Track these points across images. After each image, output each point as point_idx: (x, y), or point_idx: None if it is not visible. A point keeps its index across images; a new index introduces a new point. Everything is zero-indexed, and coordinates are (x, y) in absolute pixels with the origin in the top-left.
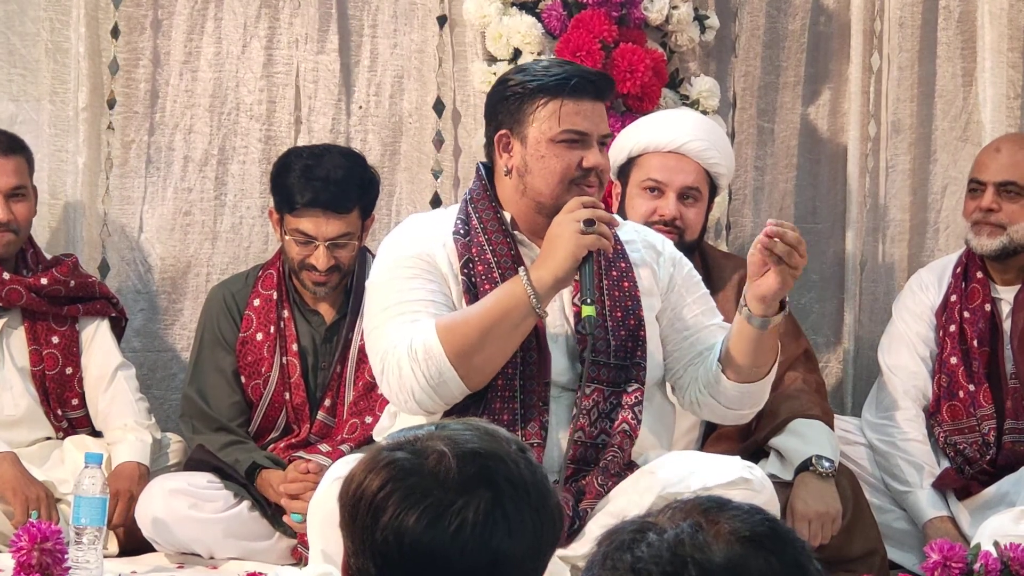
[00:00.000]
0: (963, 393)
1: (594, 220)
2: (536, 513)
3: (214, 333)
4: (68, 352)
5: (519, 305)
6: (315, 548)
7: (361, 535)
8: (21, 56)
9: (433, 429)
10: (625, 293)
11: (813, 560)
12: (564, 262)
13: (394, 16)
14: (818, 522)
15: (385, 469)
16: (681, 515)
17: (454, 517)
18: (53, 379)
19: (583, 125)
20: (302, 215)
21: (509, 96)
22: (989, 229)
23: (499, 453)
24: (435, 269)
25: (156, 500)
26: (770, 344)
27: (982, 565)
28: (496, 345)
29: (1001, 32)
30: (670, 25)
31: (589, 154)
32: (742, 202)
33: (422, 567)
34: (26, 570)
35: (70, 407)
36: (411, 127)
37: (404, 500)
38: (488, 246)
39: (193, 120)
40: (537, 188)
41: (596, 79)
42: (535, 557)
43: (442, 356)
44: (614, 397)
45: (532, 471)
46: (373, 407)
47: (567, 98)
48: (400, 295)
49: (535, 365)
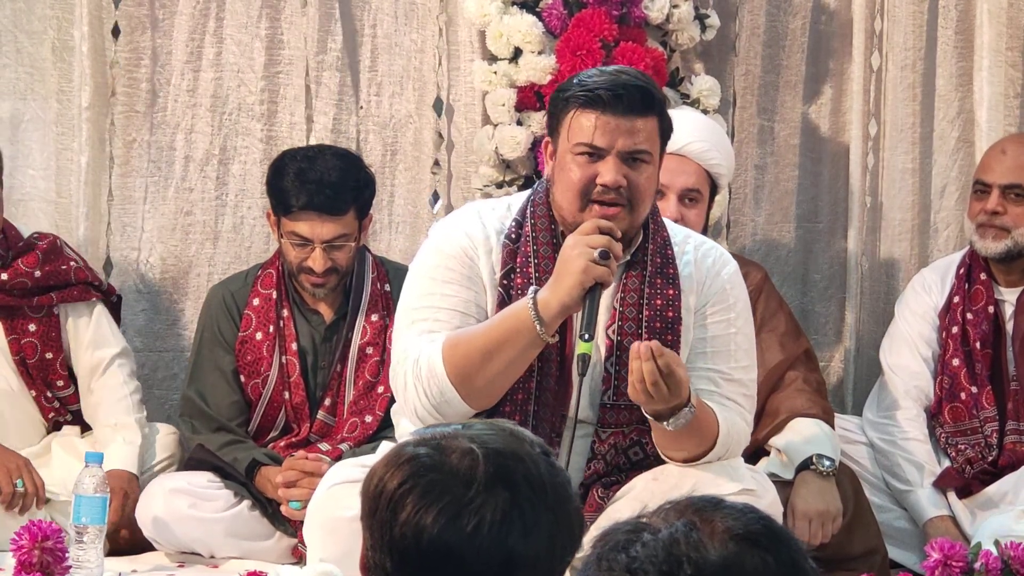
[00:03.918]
0: (965, 395)
1: (609, 253)
2: (553, 515)
3: (213, 332)
4: (47, 338)
5: (524, 329)
6: (313, 554)
7: (380, 530)
8: (28, 55)
9: (459, 428)
10: (667, 324)
11: (808, 558)
12: (572, 289)
13: (395, 16)
14: (819, 521)
15: (406, 465)
16: (675, 514)
17: (472, 516)
18: (35, 365)
19: (599, 139)
20: (297, 218)
21: (554, 102)
22: (994, 232)
23: (520, 453)
24: (475, 276)
25: (156, 499)
26: (696, 431)
27: (983, 564)
28: (499, 368)
29: (1000, 31)
30: (671, 24)
31: (604, 169)
32: (743, 201)
33: (437, 565)
34: (27, 569)
35: (56, 388)
36: (411, 127)
37: (423, 497)
38: (534, 258)
39: (194, 120)
40: (558, 201)
41: (626, 93)
42: (550, 559)
43: (444, 376)
44: (635, 434)
45: (553, 473)
46: (373, 406)
47: (589, 110)
48: (431, 299)
49: (551, 393)
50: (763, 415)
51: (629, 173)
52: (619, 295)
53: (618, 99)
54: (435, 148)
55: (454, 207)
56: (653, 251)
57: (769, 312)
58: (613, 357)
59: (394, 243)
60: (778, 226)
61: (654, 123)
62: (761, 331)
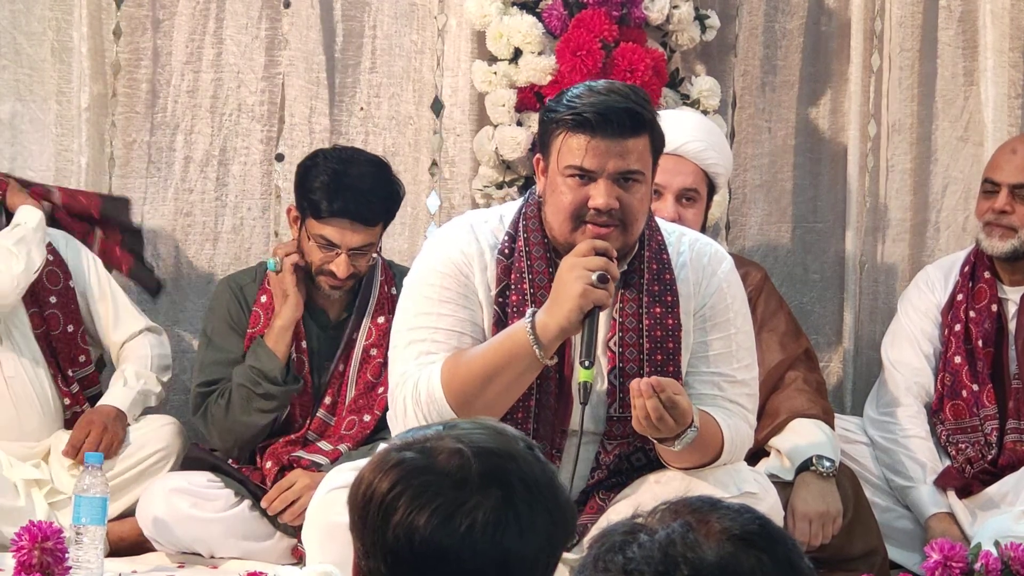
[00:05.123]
0: (966, 393)
1: (607, 276)
2: (548, 512)
3: (226, 320)
4: (67, 310)
5: (522, 353)
6: (312, 558)
7: (372, 536)
8: (28, 56)
9: (441, 429)
10: (668, 332)
11: (804, 558)
12: (571, 314)
13: (394, 17)
14: (819, 522)
15: (394, 469)
16: (671, 515)
17: (465, 517)
18: (58, 338)
19: (589, 163)
20: (328, 223)
21: (544, 121)
22: (1001, 231)
23: (510, 451)
24: (471, 294)
25: (157, 499)
26: (700, 447)
27: (983, 565)
28: (498, 391)
29: (1003, 32)
30: (671, 25)
31: (596, 193)
32: (742, 201)
33: (432, 566)
34: (27, 569)
35: (78, 364)
36: (410, 128)
37: (415, 500)
38: (528, 274)
39: (194, 121)
40: (550, 222)
41: (616, 116)
42: (546, 555)
43: (443, 401)
44: (639, 441)
45: (542, 468)
46: (372, 406)
47: (578, 132)
48: (428, 319)
49: (551, 411)
50: (763, 415)
51: (621, 195)
52: (618, 305)
53: (608, 122)
54: (434, 149)
55: (453, 208)
56: (649, 258)
57: (769, 312)
58: (616, 369)
59: (393, 244)
60: (777, 226)
61: (645, 142)
62: (761, 331)
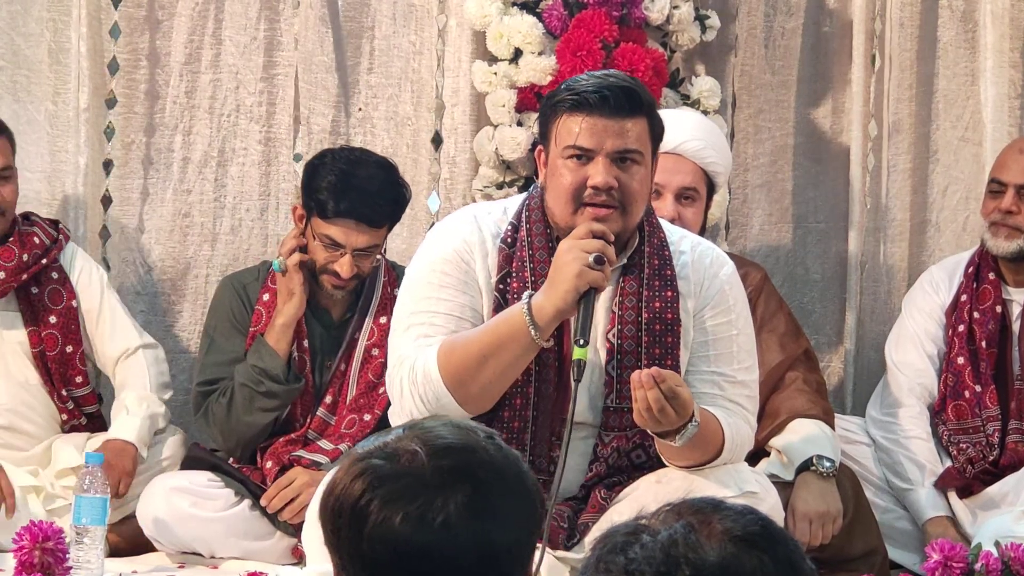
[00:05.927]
0: (969, 393)
1: (604, 258)
2: (516, 497)
3: (229, 319)
4: (67, 331)
5: (519, 335)
6: (312, 559)
7: (348, 547)
8: (25, 57)
9: (401, 431)
10: (667, 326)
11: (806, 559)
12: (567, 294)
13: (393, 18)
14: (819, 522)
15: (361, 477)
16: (673, 516)
17: (438, 512)
18: (54, 359)
19: (587, 141)
20: (334, 222)
21: (543, 110)
22: (1007, 231)
23: (471, 444)
24: (472, 281)
25: (157, 499)
26: (701, 443)
27: (983, 565)
28: (494, 372)
29: (1003, 32)
30: (671, 25)
31: (594, 171)
32: (742, 201)
33: (416, 566)
34: (27, 569)
35: (74, 384)
36: (409, 128)
37: (386, 505)
38: (530, 263)
39: (193, 121)
40: (551, 207)
41: (612, 94)
42: (524, 537)
43: (439, 381)
44: (638, 437)
45: (504, 456)
46: (373, 405)
47: (577, 113)
48: (427, 303)
49: (551, 398)
50: (763, 416)
51: (620, 175)
52: (617, 299)
53: (604, 100)
54: (433, 150)
55: (453, 208)
56: (650, 253)
57: (769, 312)
58: (614, 361)
59: (392, 244)
60: (777, 226)
61: (643, 124)
62: (761, 331)
